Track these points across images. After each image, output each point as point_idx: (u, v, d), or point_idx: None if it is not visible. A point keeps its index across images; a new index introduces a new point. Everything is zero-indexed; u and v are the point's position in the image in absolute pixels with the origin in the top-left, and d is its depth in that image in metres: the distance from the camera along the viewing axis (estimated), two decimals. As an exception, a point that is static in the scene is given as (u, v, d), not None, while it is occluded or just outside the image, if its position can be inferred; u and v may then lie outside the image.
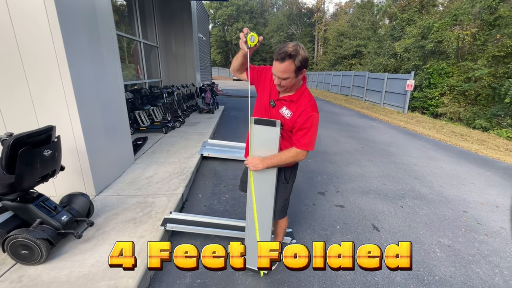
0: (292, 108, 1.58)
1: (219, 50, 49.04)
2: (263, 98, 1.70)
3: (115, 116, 3.40)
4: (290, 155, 1.61)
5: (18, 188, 1.82)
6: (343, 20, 29.26)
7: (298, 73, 1.48)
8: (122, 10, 6.53)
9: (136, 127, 5.62)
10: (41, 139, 1.92)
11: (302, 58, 1.43)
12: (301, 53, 1.42)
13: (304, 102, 1.57)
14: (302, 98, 1.58)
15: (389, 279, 2.04)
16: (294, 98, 1.58)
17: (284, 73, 1.45)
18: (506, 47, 9.90)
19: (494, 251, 2.43)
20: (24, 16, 2.30)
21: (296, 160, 1.65)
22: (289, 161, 1.63)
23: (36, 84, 2.46)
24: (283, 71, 1.45)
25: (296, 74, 1.47)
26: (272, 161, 1.62)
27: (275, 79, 1.52)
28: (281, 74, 1.46)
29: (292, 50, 1.40)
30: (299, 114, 1.56)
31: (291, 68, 1.43)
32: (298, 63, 1.43)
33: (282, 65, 1.43)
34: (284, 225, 2.05)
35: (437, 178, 4.12)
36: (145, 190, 3.05)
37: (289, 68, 1.43)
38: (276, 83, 1.53)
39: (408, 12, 16.01)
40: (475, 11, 11.34)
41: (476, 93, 10.81)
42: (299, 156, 1.62)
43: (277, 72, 1.47)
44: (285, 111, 1.60)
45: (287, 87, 1.54)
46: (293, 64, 1.42)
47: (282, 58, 1.42)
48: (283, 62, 1.42)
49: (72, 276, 1.76)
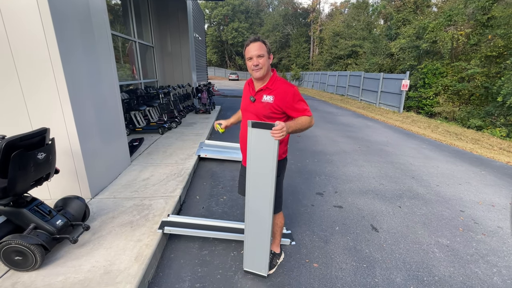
0: (271, 93, 1.76)
1: (214, 50, 48.89)
2: (245, 100, 1.91)
3: (111, 117, 3.35)
4: (305, 120, 1.74)
5: (11, 192, 1.77)
6: (339, 20, 29.38)
7: (269, 54, 1.75)
8: (116, 9, 6.44)
9: (132, 128, 5.56)
10: (35, 142, 1.87)
11: (268, 45, 1.75)
12: (267, 42, 1.75)
13: (279, 84, 1.77)
14: (276, 83, 1.78)
15: (389, 280, 2.04)
16: (269, 85, 1.78)
17: (260, 50, 1.69)
18: (498, 47, 10.04)
19: (491, 250, 2.45)
20: (16, 15, 2.24)
21: (310, 125, 1.78)
22: (306, 125, 1.74)
23: (28, 85, 2.40)
24: (258, 48, 1.69)
25: (268, 54, 1.73)
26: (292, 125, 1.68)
27: (253, 60, 1.71)
28: (257, 51, 1.68)
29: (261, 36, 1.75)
30: (281, 95, 1.73)
31: (264, 47, 1.70)
32: (268, 45, 1.74)
33: (256, 43, 1.70)
34: (281, 223, 2.09)
35: (433, 178, 4.14)
36: (141, 192, 3.00)
37: (262, 46, 1.70)
38: (254, 63, 1.71)
39: (403, 12, 16.14)
40: (469, 12, 11.48)
41: (470, 93, 10.95)
42: (312, 121, 1.78)
43: (254, 51, 1.69)
44: (267, 98, 1.77)
45: (262, 64, 1.71)
46: (264, 45, 1.71)
47: (255, 39, 1.71)
48: (256, 42, 1.70)
49: (67, 282, 1.71)
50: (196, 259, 2.16)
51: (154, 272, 2.01)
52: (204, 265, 2.11)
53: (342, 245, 2.43)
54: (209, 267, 2.09)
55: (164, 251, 2.24)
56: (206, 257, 2.19)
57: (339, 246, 2.41)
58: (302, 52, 38.19)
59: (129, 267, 1.85)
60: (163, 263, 2.11)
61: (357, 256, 2.29)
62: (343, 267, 2.15)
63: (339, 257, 2.26)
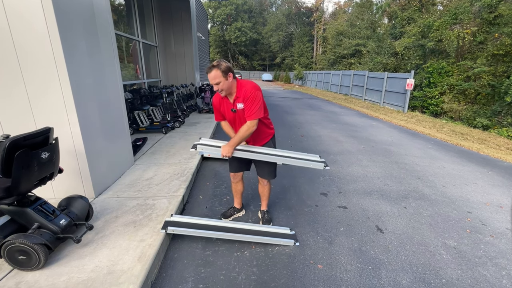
0: (241, 100, 2.11)
1: (218, 50, 48.89)
2: (227, 113, 2.27)
3: (114, 116, 3.35)
4: (244, 129, 2.11)
5: (15, 192, 1.77)
6: (342, 19, 29.23)
7: (226, 77, 2.01)
8: (120, 9, 6.47)
9: (135, 127, 5.57)
10: (38, 141, 1.87)
11: (224, 67, 1.99)
12: (222, 64, 2.00)
13: (244, 89, 2.08)
14: (242, 89, 2.09)
15: (395, 282, 2.00)
16: (239, 95, 2.12)
17: (215, 79, 1.99)
18: (505, 45, 9.89)
19: (500, 252, 2.40)
20: (21, 16, 2.25)
21: (251, 131, 2.11)
22: (246, 134, 2.11)
23: (33, 85, 2.41)
24: (213, 78, 1.99)
25: (224, 78, 2.01)
26: (234, 141, 2.14)
27: (214, 87, 2.04)
28: (213, 80, 2.00)
29: (215, 62, 2.01)
30: (246, 99, 2.08)
31: (218, 73, 1.98)
32: (222, 68, 1.99)
33: (211, 73, 1.99)
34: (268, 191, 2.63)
35: (439, 178, 4.08)
36: (145, 192, 3.00)
37: (216, 74, 1.98)
38: (215, 89, 2.07)
39: (408, 11, 15.98)
40: (475, 10, 11.32)
41: (476, 92, 10.81)
42: (251, 126, 2.10)
43: (211, 80, 2.01)
44: (239, 105, 2.13)
45: (223, 89, 2.05)
46: (219, 70, 1.98)
47: (209, 70, 1.99)
48: (211, 71, 1.99)
49: (71, 282, 1.71)
50: (199, 260, 2.15)
51: (157, 272, 2.00)
52: (208, 265, 2.09)
53: (346, 246, 2.39)
54: (212, 267, 2.07)
55: (167, 251, 2.23)
56: (210, 258, 2.17)
57: (343, 247, 2.38)
58: (306, 52, 38.07)
59: (132, 267, 1.84)
60: (166, 264, 2.10)
61: (362, 257, 2.25)
62: (348, 269, 2.11)
63: (344, 258, 2.23)
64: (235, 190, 2.71)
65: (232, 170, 2.56)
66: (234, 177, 2.61)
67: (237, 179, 2.63)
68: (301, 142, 5.88)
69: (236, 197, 2.76)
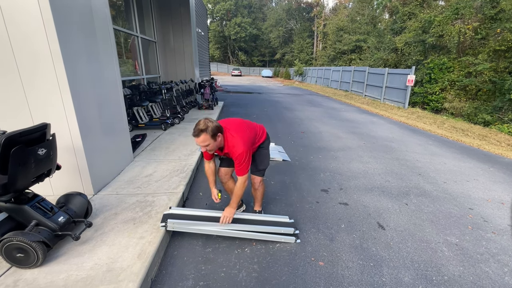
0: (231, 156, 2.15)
1: (217, 46, 48.60)
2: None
3: (113, 112, 3.31)
4: (239, 187, 2.17)
5: (12, 189, 1.74)
6: (343, 15, 29.00)
7: (215, 138, 1.95)
8: (119, 4, 6.37)
9: (134, 123, 5.52)
10: (35, 137, 1.83)
11: (212, 128, 1.91)
12: (209, 125, 1.91)
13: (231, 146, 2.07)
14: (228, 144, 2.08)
15: (397, 279, 1.99)
16: (227, 150, 2.13)
17: (204, 142, 1.93)
18: (507, 41, 9.80)
19: (502, 249, 2.38)
20: (16, 10, 2.19)
21: (245, 184, 2.18)
22: (242, 190, 2.19)
23: (29, 81, 2.36)
24: (202, 142, 1.93)
25: (213, 139, 1.95)
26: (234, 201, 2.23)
27: (202, 148, 2.01)
28: (202, 144, 1.95)
29: (203, 125, 1.90)
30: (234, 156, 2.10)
31: (207, 138, 1.91)
32: (211, 132, 1.91)
33: (200, 138, 1.92)
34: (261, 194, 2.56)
35: (440, 175, 4.06)
36: (144, 188, 2.97)
37: (205, 138, 1.91)
38: (203, 150, 2.06)
39: (409, 6, 15.82)
40: (477, 5, 11.20)
41: (477, 88, 10.74)
42: (244, 181, 2.15)
43: (199, 143, 1.95)
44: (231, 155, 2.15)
45: (211, 148, 2.02)
46: (207, 135, 1.91)
47: (197, 134, 1.91)
48: (199, 136, 1.91)
49: (69, 280, 1.69)
50: (199, 257, 2.13)
51: (157, 270, 1.98)
52: (208, 262, 2.07)
53: (348, 243, 2.38)
54: (212, 265, 2.05)
55: (167, 248, 2.21)
56: (210, 255, 2.15)
57: (345, 244, 2.36)
58: (306, 47, 37.84)
59: (131, 264, 1.82)
60: (166, 261, 2.08)
61: (363, 254, 2.24)
62: (349, 266, 2.10)
63: (345, 255, 2.22)
64: (228, 189, 2.59)
65: (223, 165, 2.50)
66: (223, 176, 2.50)
67: (227, 178, 2.53)
68: (301, 138, 5.85)
69: None
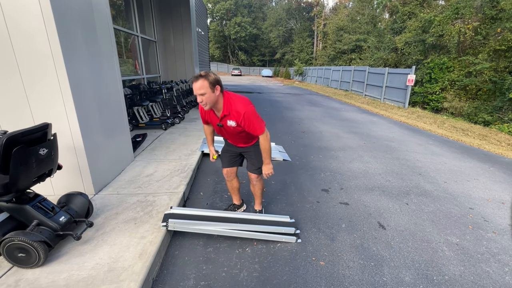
0: (232, 119, 2.01)
1: (217, 45, 48.56)
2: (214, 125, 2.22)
3: (114, 112, 3.31)
4: (264, 144, 2.12)
5: (13, 188, 1.74)
6: (343, 14, 28.96)
7: (213, 89, 1.86)
8: (119, 3, 6.37)
9: (135, 123, 5.53)
10: (36, 137, 1.83)
11: (213, 78, 1.86)
12: (211, 75, 1.86)
13: (234, 107, 1.97)
14: (230, 106, 1.97)
15: (398, 279, 1.99)
16: (226, 112, 1.99)
17: (201, 89, 1.83)
18: (507, 41, 9.81)
19: (503, 249, 2.39)
20: (17, 9, 2.19)
21: (269, 140, 2.13)
22: (268, 144, 2.13)
23: (30, 81, 2.36)
24: (199, 88, 1.84)
25: (211, 89, 1.86)
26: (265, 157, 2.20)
27: (198, 98, 1.89)
28: (199, 90, 1.84)
29: (204, 73, 1.86)
30: (238, 119, 1.99)
31: (205, 84, 1.83)
32: (210, 80, 1.84)
33: (198, 83, 1.83)
34: (260, 190, 2.56)
35: (441, 174, 4.07)
36: (145, 188, 2.98)
37: (203, 84, 1.83)
38: (199, 101, 1.90)
39: (409, 5, 15.82)
40: (477, 5, 11.20)
41: (477, 88, 10.75)
42: (266, 138, 2.10)
43: (196, 90, 1.85)
44: (230, 122, 2.03)
45: (207, 102, 1.90)
46: (206, 81, 1.83)
47: (196, 78, 1.84)
48: (197, 80, 1.83)
49: (71, 279, 1.69)
50: (200, 257, 2.13)
51: (158, 269, 1.98)
52: (209, 262, 2.07)
53: (349, 242, 2.38)
54: (214, 264, 2.05)
55: (168, 248, 2.22)
56: (211, 254, 2.16)
57: (346, 244, 2.36)
58: (306, 47, 37.81)
59: (133, 264, 1.82)
60: (167, 261, 2.08)
61: (364, 254, 2.24)
62: (350, 266, 2.10)
63: (346, 255, 2.22)
64: (231, 187, 2.64)
65: (225, 166, 2.49)
66: (227, 175, 2.53)
67: (231, 177, 2.55)
68: (302, 138, 5.85)
69: (234, 194, 2.71)
